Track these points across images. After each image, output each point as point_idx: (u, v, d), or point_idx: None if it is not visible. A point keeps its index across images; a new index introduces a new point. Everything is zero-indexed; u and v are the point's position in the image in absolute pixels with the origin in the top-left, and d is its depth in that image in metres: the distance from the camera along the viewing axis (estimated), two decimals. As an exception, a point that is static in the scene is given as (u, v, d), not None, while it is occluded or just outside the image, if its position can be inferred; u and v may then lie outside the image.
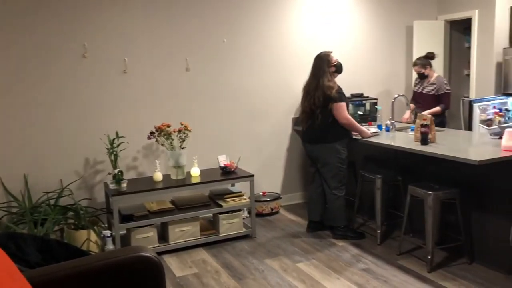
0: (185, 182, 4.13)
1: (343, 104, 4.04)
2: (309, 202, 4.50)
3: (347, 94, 4.42)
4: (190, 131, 4.25)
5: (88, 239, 3.77)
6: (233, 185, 4.56)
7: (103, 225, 4.14)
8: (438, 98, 5.00)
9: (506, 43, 5.42)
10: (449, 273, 3.45)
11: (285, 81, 5.16)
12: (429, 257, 3.47)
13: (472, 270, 3.48)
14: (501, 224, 3.36)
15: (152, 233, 3.97)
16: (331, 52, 4.17)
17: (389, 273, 3.50)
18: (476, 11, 5.55)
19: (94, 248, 3.80)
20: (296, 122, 5.19)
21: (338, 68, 4.14)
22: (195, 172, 4.30)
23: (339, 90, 4.04)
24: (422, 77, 5.09)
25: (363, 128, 4.21)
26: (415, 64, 5.09)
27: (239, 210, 4.31)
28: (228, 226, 4.23)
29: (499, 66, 5.42)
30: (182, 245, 4.05)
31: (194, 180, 4.19)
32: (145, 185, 4.08)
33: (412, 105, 5.26)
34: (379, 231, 4.05)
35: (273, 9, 5.01)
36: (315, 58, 4.18)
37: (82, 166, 4.29)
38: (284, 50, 5.12)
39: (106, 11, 4.24)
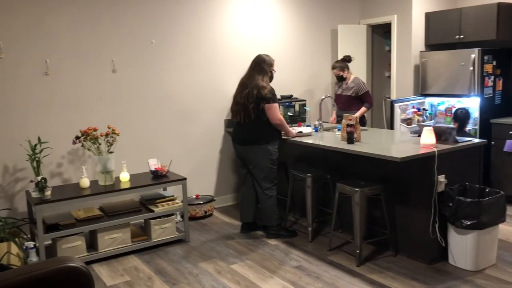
0: (114, 188, 4.00)
1: (276, 105, 4.12)
2: (241, 204, 4.52)
3: (277, 96, 4.50)
4: (118, 135, 4.12)
5: (8, 252, 3.53)
6: (165, 189, 4.48)
7: (25, 236, 3.89)
8: (359, 99, 5.17)
9: (422, 47, 5.78)
10: (376, 265, 3.61)
11: (217, 82, 5.15)
12: (358, 251, 3.62)
13: (397, 261, 3.67)
14: (422, 217, 3.57)
15: (80, 242, 3.79)
16: (274, 61, 4.27)
17: (320, 269, 3.60)
18: (395, 16, 5.87)
19: (15, 261, 3.56)
20: (228, 123, 5.20)
21: (272, 77, 4.23)
22: (125, 177, 4.17)
23: (272, 91, 4.11)
24: (341, 79, 5.25)
25: (290, 128, 4.32)
26: (334, 68, 5.25)
27: (172, 214, 4.24)
28: (161, 231, 4.14)
29: (416, 68, 5.77)
30: (112, 253, 3.91)
31: (123, 186, 4.06)
32: (71, 192, 3.89)
33: (334, 113, 5.45)
34: (310, 229, 4.16)
35: (203, 10, 4.98)
36: (258, 57, 4.22)
37: (0, 174, 4.01)
38: (214, 51, 5.12)
39: (24, 8, 4.00)
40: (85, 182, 3.99)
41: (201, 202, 4.92)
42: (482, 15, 5.07)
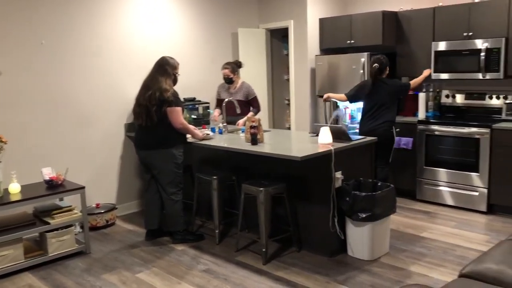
0: (3, 201, 3.66)
1: (179, 109, 4.05)
2: (146, 210, 4.39)
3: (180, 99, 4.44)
4: (5, 143, 3.78)
5: None
6: (61, 199, 4.20)
7: None
8: (247, 103, 5.15)
9: (317, 51, 6.08)
10: (282, 262, 3.72)
11: (115, 85, 4.96)
12: (264, 250, 3.70)
13: (301, 257, 3.82)
14: (322, 212, 3.75)
15: (-38, 264, 3.43)
16: (179, 64, 4.20)
17: (228, 270, 3.62)
18: (292, 21, 6.11)
19: None
20: (129, 128, 5.03)
21: (176, 80, 4.17)
22: (15, 188, 3.84)
23: (175, 95, 4.05)
24: (229, 82, 5.14)
25: (196, 130, 4.29)
26: (225, 68, 5.10)
27: (70, 225, 3.99)
28: (59, 244, 3.88)
29: (313, 71, 6.05)
30: (2, 272, 3.58)
31: (13, 198, 3.73)
32: (-49, 208, 3.50)
33: (218, 111, 5.28)
34: (217, 231, 4.17)
35: (99, 10, 4.76)
36: (162, 59, 4.13)
37: None
38: (112, 53, 4.92)
39: None
40: (-32, 197, 3.61)
41: (102, 211, 4.69)
42: (369, 22, 5.47)
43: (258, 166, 4.16)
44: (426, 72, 5.06)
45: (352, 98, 4.80)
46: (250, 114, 5.06)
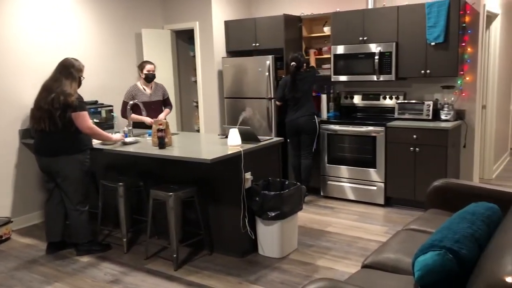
0: None
1: (85, 113, 3.82)
2: (47, 221, 4.10)
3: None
4: None
5: None
6: None
7: None
8: (163, 102, 5.16)
9: (224, 53, 6.12)
10: (194, 267, 3.69)
11: (7, 88, 4.56)
12: (175, 255, 3.63)
13: (213, 259, 3.81)
14: (233, 213, 3.78)
15: None
16: (84, 67, 3.98)
17: (138, 279, 3.51)
18: (197, 22, 6.07)
19: None
20: (24, 134, 4.66)
21: (80, 83, 3.95)
22: None
23: (80, 99, 3.82)
24: (153, 77, 5.00)
25: (110, 134, 4.09)
26: (151, 63, 5.00)
27: (-43, 244, 3.61)
28: None
29: (220, 73, 6.07)
30: None
31: None
32: None
33: (134, 116, 4.96)
34: (125, 239, 4.02)
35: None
36: (66, 60, 3.89)
37: None
38: (3, 53, 4.52)
39: None
40: None
41: (-5, 226, 4.31)
42: (272, 25, 5.61)
43: (167, 170, 4.08)
44: None
45: (281, 99, 5.29)
46: (167, 111, 5.13)
